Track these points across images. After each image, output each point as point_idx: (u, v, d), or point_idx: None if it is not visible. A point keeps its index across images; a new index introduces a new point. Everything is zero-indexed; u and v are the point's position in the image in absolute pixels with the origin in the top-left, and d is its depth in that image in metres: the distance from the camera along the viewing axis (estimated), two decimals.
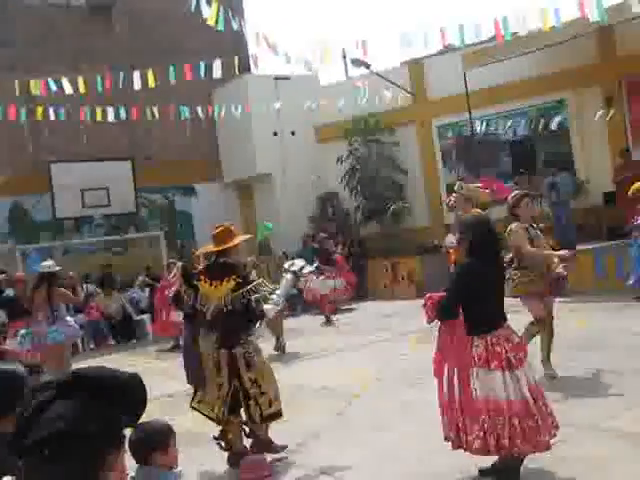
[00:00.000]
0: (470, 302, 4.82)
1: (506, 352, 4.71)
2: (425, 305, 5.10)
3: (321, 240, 15.68)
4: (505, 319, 4.95)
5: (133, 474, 3.34)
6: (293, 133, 19.78)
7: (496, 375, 4.66)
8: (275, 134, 19.49)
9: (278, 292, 6.58)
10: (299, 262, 7.59)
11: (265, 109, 17.31)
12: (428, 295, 5.16)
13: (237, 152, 20.05)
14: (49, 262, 10.09)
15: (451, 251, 9.35)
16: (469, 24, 11.61)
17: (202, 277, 6.00)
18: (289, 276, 7.14)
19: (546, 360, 7.41)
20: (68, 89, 13.65)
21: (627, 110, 15.70)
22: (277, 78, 19.20)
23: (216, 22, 10.29)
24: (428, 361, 5.22)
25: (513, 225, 7.33)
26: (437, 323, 5.07)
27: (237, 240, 6.12)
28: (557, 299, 7.88)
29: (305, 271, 7.64)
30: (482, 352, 4.71)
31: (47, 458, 1.64)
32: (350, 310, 15.74)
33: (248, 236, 7.54)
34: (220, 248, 6.00)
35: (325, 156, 19.80)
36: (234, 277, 5.87)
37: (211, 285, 5.92)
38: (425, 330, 11.50)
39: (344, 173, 18.91)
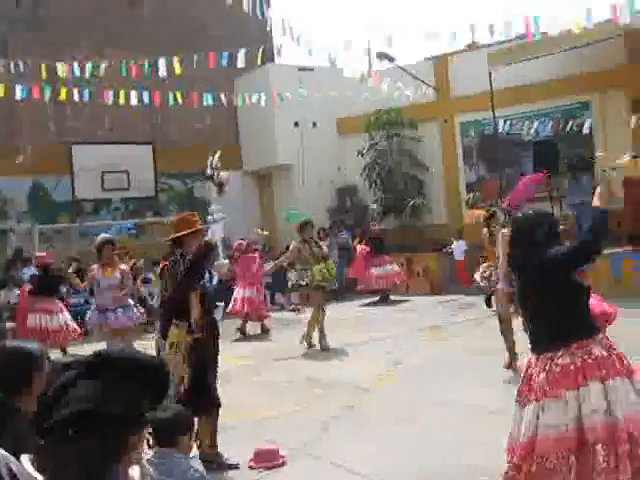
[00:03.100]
0: None
1: None
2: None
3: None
4: None
5: (149, 456, 3.36)
6: (314, 124, 19.72)
7: None
8: (296, 125, 19.44)
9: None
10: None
11: (287, 99, 17.27)
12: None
13: (258, 141, 20.03)
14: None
15: None
16: (499, 22, 11.55)
17: None
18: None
19: None
20: (92, 72, 13.69)
21: None
22: (301, 69, 19.12)
23: (247, 9, 10.28)
24: (441, 357, 5.20)
25: None
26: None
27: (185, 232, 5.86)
28: None
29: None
30: None
31: (69, 437, 1.64)
32: (368, 305, 15.72)
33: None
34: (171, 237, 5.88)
35: (345, 149, 19.77)
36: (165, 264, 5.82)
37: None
38: (439, 326, 11.59)
39: (364, 166, 18.87)
